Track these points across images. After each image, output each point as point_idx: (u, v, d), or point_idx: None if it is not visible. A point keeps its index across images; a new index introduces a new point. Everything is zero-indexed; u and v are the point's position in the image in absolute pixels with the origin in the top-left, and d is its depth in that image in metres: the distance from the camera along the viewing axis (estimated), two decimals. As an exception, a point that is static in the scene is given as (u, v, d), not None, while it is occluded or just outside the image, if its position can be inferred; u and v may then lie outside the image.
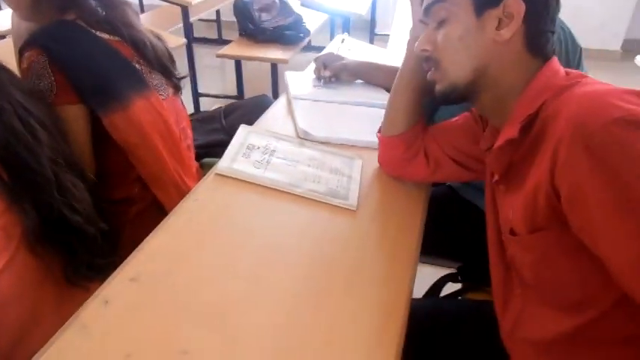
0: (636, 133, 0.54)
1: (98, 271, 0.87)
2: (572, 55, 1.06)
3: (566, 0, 0.73)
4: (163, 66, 1.20)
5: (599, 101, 0.58)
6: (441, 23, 0.74)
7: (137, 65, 1.13)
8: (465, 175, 0.98)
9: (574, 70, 0.73)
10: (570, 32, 1.07)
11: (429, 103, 1.01)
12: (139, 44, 1.13)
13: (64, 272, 0.87)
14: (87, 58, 1.04)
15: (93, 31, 1.07)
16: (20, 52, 1.01)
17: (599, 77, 0.68)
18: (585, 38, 1.30)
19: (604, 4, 3.94)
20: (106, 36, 1.08)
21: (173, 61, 1.26)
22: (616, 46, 4.09)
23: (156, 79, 1.18)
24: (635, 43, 4.05)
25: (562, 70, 0.72)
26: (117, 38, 1.10)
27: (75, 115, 1.02)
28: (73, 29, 1.05)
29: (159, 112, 1.13)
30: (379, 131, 1.04)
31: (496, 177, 0.77)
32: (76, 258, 0.88)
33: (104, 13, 1.09)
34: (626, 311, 0.62)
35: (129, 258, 0.77)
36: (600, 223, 0.57)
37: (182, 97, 1.35)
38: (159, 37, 1.23)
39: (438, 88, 0.78)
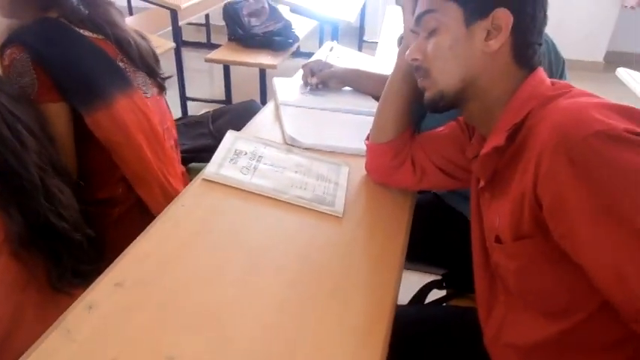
0: (615, 146, 0.56)
1: (84, 277, 0.86)
2: (556, 67, 1.08)
3: (551, 12, 0.74)
4: (148, 65, 1.20)
5: (582, 114, 0.59)
6: (432, 33, 0.76)
7: (121, 64, 1.13)
8: (451, 184, 1.00)
9: (560, 81, 0.74)
10: (554, 44, 1.09)
11: (416, 112, 1.02)
12: (123, 43, 1.13)
13: (48, 278, 0.86)
14: (70, 56, 1.03)
15: (76, 29, 1.06)
16: (1, 49, 1.00)
17: (582, 88, 0.70)
18: (569, 50, 1.33)
19: (587, 16, 4.02)
20: (89, 34, 1.08)
21: (157, 61, 1.26)
22: (599, 57, 4.17)
23: (140, 78, 1.18)
24: (618, 55, 4.13)
25: (548, 80, 0.74)
26: (101, 37, 1.10)
27: (57, 113, 1.02)
28: (56, 27, 1.05)
29: (143, 111, 1.13)
30: (367, 138, 1.05)
31: (482, 183, 0.78)
32: (60, 264, 0.87)
33: (87, 12, 1.08)
34: (608, 318, 0.64)
35: (114, 263, 0.77)
36: (582, 233, 0.58)
37: (170, 101, 1.35)
38: (143, 37, 1.23)
39: (427, 95, 0.79)
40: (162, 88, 1.27)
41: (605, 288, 0.59)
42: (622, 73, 1.99)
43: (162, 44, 2.59)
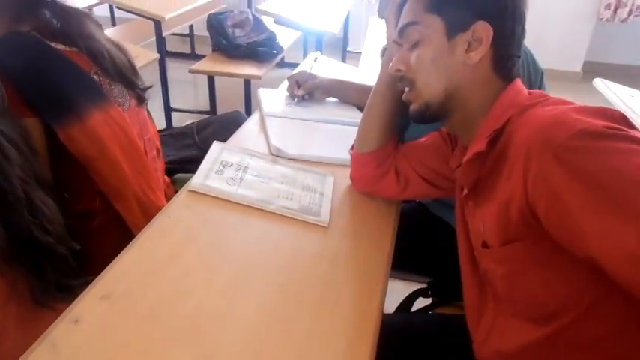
0: (598, 141, 0.58)
1: (68, 291, 0.85)
2: (534, 78, 1.11)
3: (529, 22, 0.77)
4: (124, 77, 1.18)
5: (563, 117, 0.61)
6: (415, 45, 0.78)
7: (95, 77, 1.11)
8: (434, 193, 1.01)
9: (536, 90, 0.77)
10: (532, 56, 1.12)
11: (400, 122, 1.04)
12: (96, 55, 1.11)
13: (31, 293, 0.85)
14: (40, 71, 1.02)
15: (48, 42, 1.05)
16: None
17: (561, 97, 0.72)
18: (547, 60, 1.36)
19: (565, 28, 4.12)
20: (62, 47, 1.06)
21: (135, 72, 1.24)
22: (577, 67, 4.27)
23: (116, 90, 1.16)
24: (595, 65, 4.24)
25: (525, 89, 0.76)
26: (74, 50, 1.08)
27: (29, 129, 0.99)
28: (27, 41, 1.03)
29: (119, 125, 1.11)
30: (352, 148, 1.06)
31: (465, 191, 0.80)
32: (44, 278, 0.86)
33: (59, 25, 1.07)
34: (594, 319, 0.65)
35: (100, 276, 0.76)
36: (587, 227, 0.57)
37: (154, 112, 1.33)
38: (120, 48, 1.21)
39: (414, 107, 0.81)
40: (141, 99, 1.26)
41: (619, 274, 0.57)
42: (598, 83, 2.03)
43: (146, 55, 2.58)
